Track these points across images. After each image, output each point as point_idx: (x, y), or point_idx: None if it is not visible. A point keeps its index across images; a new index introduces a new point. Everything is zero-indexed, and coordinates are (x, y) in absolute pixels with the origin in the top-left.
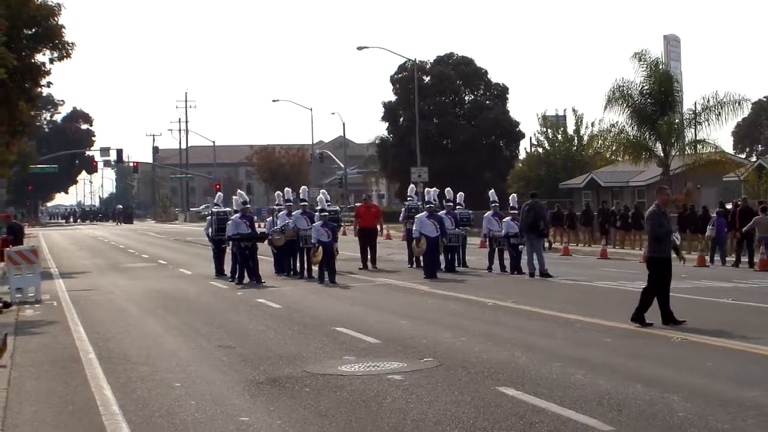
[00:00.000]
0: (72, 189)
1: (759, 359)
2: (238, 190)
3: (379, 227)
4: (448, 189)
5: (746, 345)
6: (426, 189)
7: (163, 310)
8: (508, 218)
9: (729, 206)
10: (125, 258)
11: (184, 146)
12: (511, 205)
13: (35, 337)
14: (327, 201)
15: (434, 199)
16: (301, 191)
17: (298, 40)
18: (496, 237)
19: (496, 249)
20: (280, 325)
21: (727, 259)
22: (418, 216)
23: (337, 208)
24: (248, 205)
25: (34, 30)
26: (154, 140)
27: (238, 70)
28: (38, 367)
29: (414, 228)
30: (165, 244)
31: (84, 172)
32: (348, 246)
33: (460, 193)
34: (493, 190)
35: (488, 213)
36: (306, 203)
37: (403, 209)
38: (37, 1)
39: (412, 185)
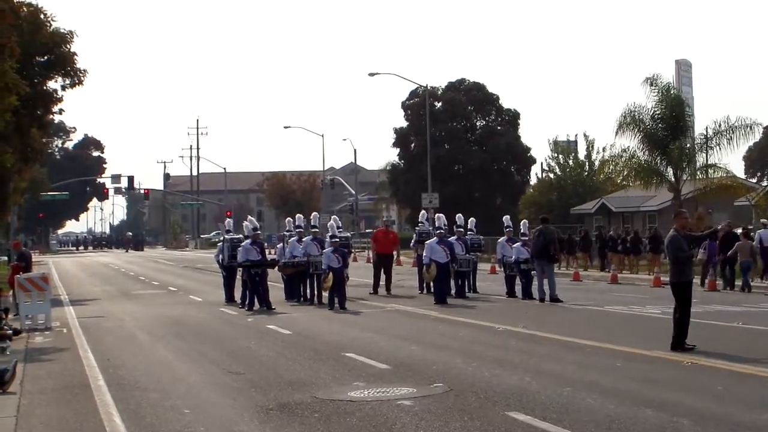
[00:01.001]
0: (83, 216)
1: None
2: (249, 217)
3: (395, 253)
4: (459, 215)
5: (757, 369)
6: (436, 215)
7: (173, 337)
8: (518, 244)
9: (739, 230)
10: (135, 285)
11: (195, 173)
12: (522, 231)
13: (45, 364)
14: (338, 227)
15: (444, 225)
16: (312, 218)
17: (309, 67)
18: (509, 263)
19: (510, 275)
20: (290, 351)
21: (717, 282)
22: (428, 242)
23: (348, 234)
24: (259, 232)
25: (46, 57)
26: (165, 167)
27: (250, 96)
28: (48, 394)
29: (424, 254)
30: (175, 271)
31: (95, 199)
32: (359, 272)
33: (471, 218)
34: (507, 216)
35: (502, 239)
36: (317, 230)
37: (414, 235)
38: (49, 29)
39: (423, 211)
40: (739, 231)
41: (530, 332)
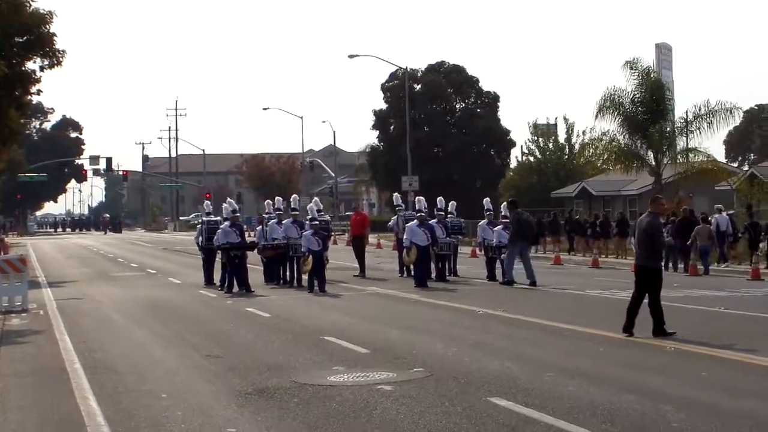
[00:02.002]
0: (61, 198)
1: (754, 369)
2: (228, 199)
3: (366, 234)
4: (439, 198)
5: (741, 355)
6: (417, 198)
7: (151, 319)
8: (499, 227)
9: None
10: (114, 267)
11: (173, 155)
12: (502, 213)
13: (21, 347)
14: (318, 210)
15: (425, 208)
16: (291, 200)
17: (289, 49)
18: (490, 246)
19: (491, 258)
20: (269, 334)
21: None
22: (408, 225)
23: (328, 217)
24: (238, 214)
25: (25, 38)
26: (143, 149)
27: (229, 78)
28: (23, 377)
29: (405, 237)
30: (154, 253)
31: (73, 181)
32: (338, 255)
33: (452, 202)
34: (488, 199)
35: (483, 222)
36: (297, 212)
37: (393, 218)
38: (29, 9)
39: (396, 194)
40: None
41: (511, 316)
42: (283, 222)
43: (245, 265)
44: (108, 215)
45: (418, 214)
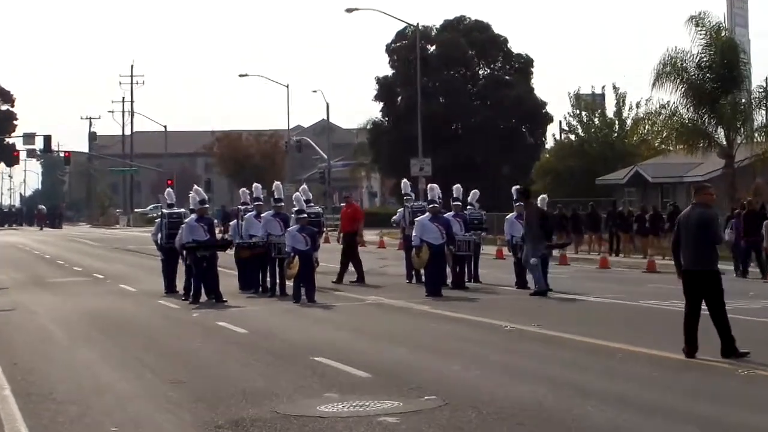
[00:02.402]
0: None
1: None
2: (195, 186)
3: (359, 230)
4: (457, 185)
5: None
6: (429, 185)
7: (99, 335)
8: (513, 215)
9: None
10: (52, 271)
11: (128, 132)
12: (539, 206)
13: None
14: (307, 200)
15: (439, 198)
16: (274, 188)
17: (271, 2)
18: (520, 245)
19: (521, 260)
20: (245, 354)
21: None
22: (418, 219)
23: (319, 209)
24: (207, 206)
25: None
26: (90, 125)
27: (197, 38)
28: None
29: (414, 234)
30: (103, 254)
31: (2, 165)
32: (331, 256)
33: (473, 190)
34: (518, 187)
35: (511, 215)
36: (281, 203)
37: (400, 211)
38: None
39: (405, 181)
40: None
41: (546, 332)
42: (262, 215)
43: (215, 269)
44: (44, 207)
45: (431, 206)
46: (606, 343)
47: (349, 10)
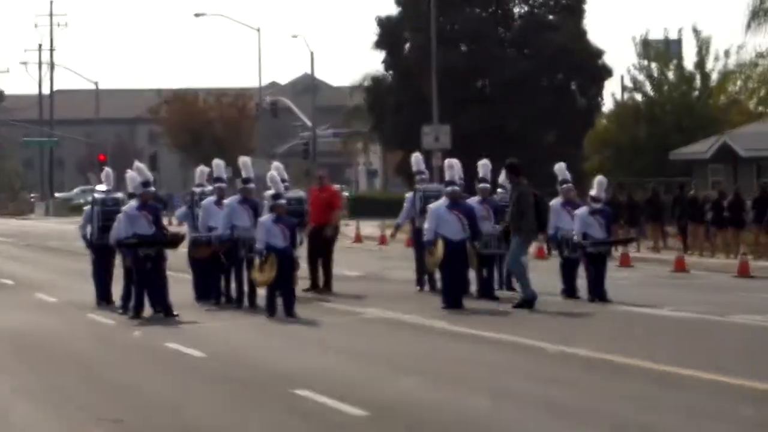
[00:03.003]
0: None
1: None
2: (136, 163)
3: (335, 224)
4: (483, 161)
5: None
6: (447, 161)
7: (11, 360)
8: (584, 210)
9: None
10: None
11: (46, 91)
12: (594, 193)
13: None
14: (284, 181)
15: (460, 178)
16: (241, 165)
17: None
18: (567, 239)
19: (569, 260)
20: (203, 385)
21: None
22: (432, 207)
23: (302, 193)
24: (152, 189)
25: None
26: None
27: None
28: None
29: (426, 226)
30: (12, 253)
31: None
32: None
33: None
34: (563, 164)
35: (556, 201)
36: (250, 185)
37: (408, 197)
38: None
39: (416, 154)
40: None
41: (602, 356)
42: (225, 201)
43: (163, 273)
44: None
45: (449, 189)
46: (679, 371)
47: None
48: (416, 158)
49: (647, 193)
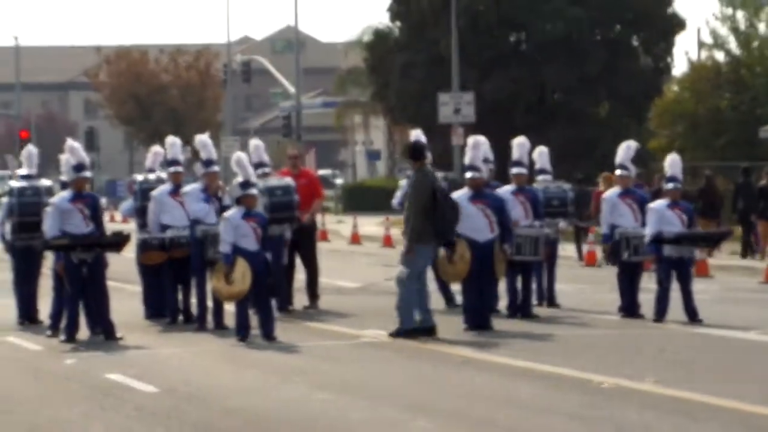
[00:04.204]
0: None
1: None
2: (69, 142)
3: (311, 217)
4: (520, 140)
5: None
6: (470, 139)
7: None
8: (661, 203)
9: None
10: None
11: None
12: (669, 173)
13: None
14: (260, 164)
15: (489, 161)
16: (198, 144)
17: None
18: (630, 239)
19: (629, 265)
20: (156, 429)
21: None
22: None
23: (289, 181)
24: (87, 174)
25: None
26: None
27: None
28: None
29: None
30: None
31: None
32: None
33: (541, 148)
34: (630, 144)
35: (612, 192)
36: (214, 169)
37: (402, 184)
38: None
39: (417, 131)
40: None
41: (671, 393)
42: (185, 191)
43: (103, 284)
44: None
45: (471, 175)
46: (763, 410)
47: None
48: (416, 135)
49: (702, 181)
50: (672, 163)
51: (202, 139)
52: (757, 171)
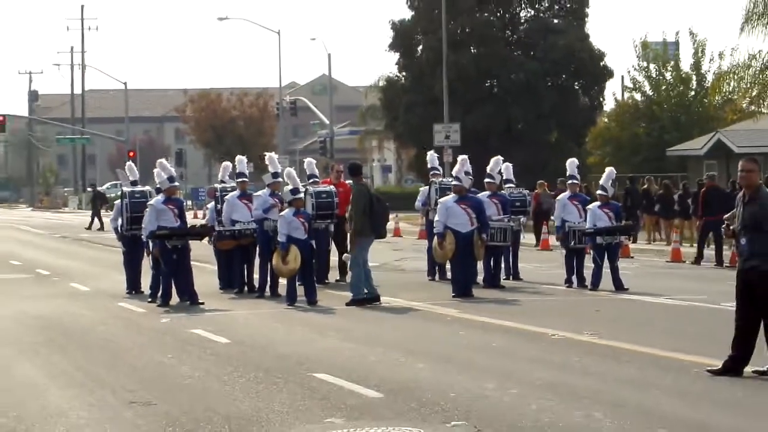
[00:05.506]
0: None
1: None
2: (160, 161)
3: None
4: (496, 158)
5: None
6: (460, 158)
7: (44, 348)
8: (595, 204)
9: None
10: None
11: (78, 90)
12: (602, 181)
13: None
14: (314, 177)
15: (468, 173)
16: (268, 160)
17: None
18: (576, 231)
19: (575, 250)
20: (228, 369)
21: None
22: (442, 200)
23: (332, 188)
24: (176, 183)
25: None
26: (31, 81)
27: None
28: None
29: (436, 218)
30: (48, 245)
31: None
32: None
33: (506, 164)
34: (574, 160)
35: (564, 195)
36: (279, 179)
37: (422, 190)
38: None
39: (431, 152)
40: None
41: (603, 342)
42: (258, 194)
43: (188, 263)
44: None
45: (454, 183)
46: (677, 356)
47: None
48: (431, 156)
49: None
50: (606, 176)
51: (271, 156)
52: (639, 179)
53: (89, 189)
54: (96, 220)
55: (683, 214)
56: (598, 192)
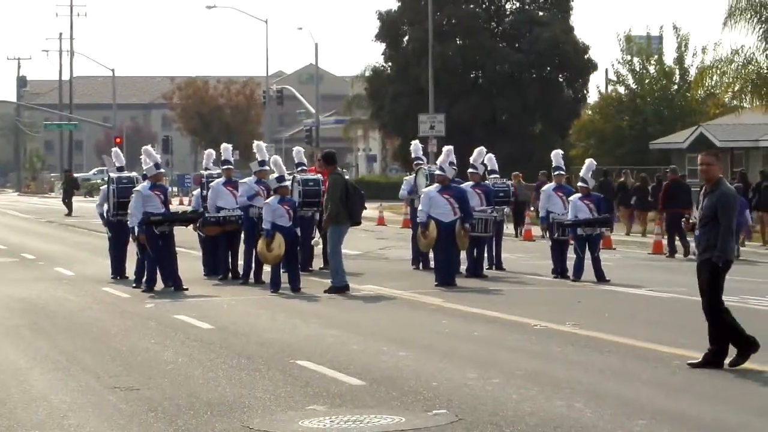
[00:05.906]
0: None
1: None
2: (145, 147)
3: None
4: (479, 149)
5: None
6: (444, 148)
7: (28, 331)
8: (576, 196)
9: None
10: None
11: (66, 77)
12: (582, 173)
13: None
14: (301, 164)
15: (452, 164)
16: (256, 148)
17: None
18: (559, 223)
19: (558, 242)
20: (211, 355)
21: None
22: (425, 190)
23: (318, 176)
24: (162, 170)
25: None
26: (19, 67)
27: None
28: None
29: (419, 208)
30: (33, 229)
31: None
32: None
33: (489, 154)
34: (558, 152)
35: (548, 186)
36: (266, 167)
37: (407, 179)
38: None
39: (415, 142)
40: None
41: (585, 333)
42: (243, 181)
43: (173, 249)
44: None
45: (437, 173)
46: (657, 348)
47: None
48: (415, 145)
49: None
50: (585, 167)
51: (259, 144)
52: (613, 172)
53: (65, 174)
54: (66, 204)
55: (657, 206)
56: (579, 184)
